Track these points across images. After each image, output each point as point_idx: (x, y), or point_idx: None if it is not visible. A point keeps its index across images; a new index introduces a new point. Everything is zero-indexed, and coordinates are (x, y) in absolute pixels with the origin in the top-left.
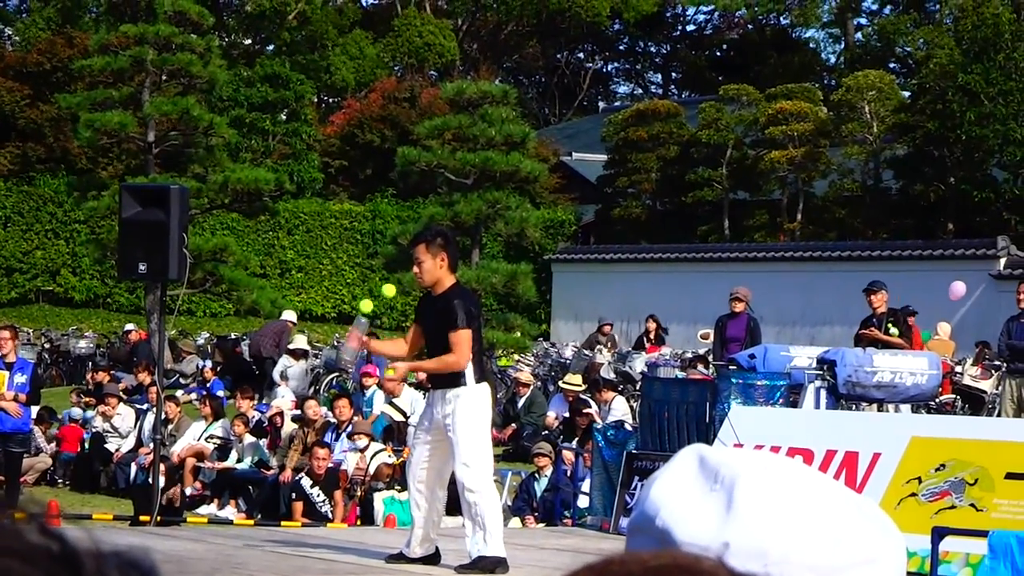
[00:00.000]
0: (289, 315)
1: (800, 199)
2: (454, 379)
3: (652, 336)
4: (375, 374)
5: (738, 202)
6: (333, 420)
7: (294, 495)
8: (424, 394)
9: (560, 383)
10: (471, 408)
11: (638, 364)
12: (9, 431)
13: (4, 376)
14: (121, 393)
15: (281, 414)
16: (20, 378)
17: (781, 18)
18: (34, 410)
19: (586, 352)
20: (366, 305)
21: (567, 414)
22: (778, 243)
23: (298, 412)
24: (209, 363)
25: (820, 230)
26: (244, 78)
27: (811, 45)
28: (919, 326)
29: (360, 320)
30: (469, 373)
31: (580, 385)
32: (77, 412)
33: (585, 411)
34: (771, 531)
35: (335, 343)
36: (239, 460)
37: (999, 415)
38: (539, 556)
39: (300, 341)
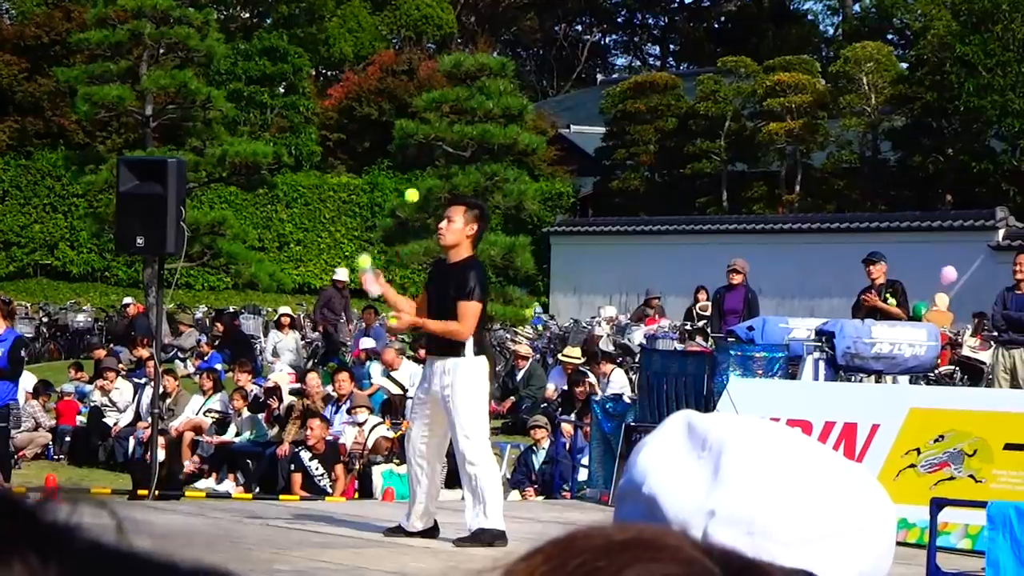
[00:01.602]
0: (341, 274)
1: (798, 171)
2: (453, 350)
3: (699, 307)
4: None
5: (736, 174)
6: (333, 393)
7: (292, 468)
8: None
9: (559, 356)
10: (470, 379)
11: (637, 336)
12: None
13: None
14: (120, 367)
15: (278, 388)
16: None
17: None
18: (29, 383)
19: (585, 325)
20: (364, 260)
21: (566, 387)
22: (776, 215)
23: (296, 385)
24: (204, 337)
25: (818, 202)
26: (242, 51)
27: (809, 17)
28: (915, 297)
29: (364, 268)
30: (469, 345)
31: (579, 357)
32: (73, 386)
33: (583, 382)
34: (757, 498)
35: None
36: (238, 434)
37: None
38: (538, 529)
39: (284, 308)
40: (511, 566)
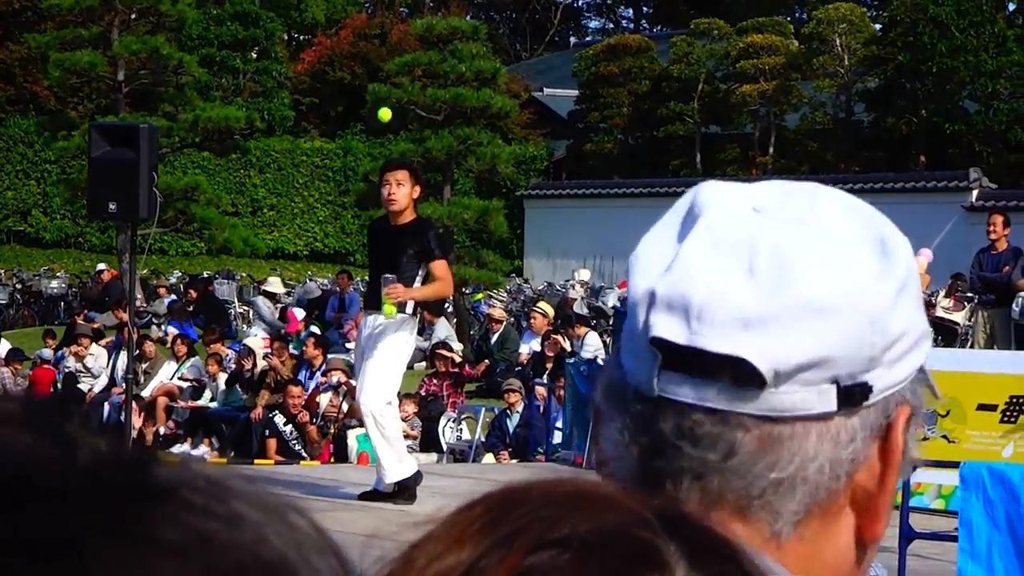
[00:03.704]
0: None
1: (772, 132)
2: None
3: None
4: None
5: (710, 136)
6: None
7: (267, 433)
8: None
9: (533, 307)
10: (397, 335)
11: (611, 299)
12: None
13: None
14: (93, 332)
15: (253, 353)
16: None
17: None
18: (3, 349)
19: (559, 288)
20: (385, 113)
21: (539, 350)
22: (750, 176)
23: (269, 351)
24: (172, 299)
25: (792, 163)
26: (214, 16)
27: None
28: None
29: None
30: (410, 304)
31: (549, 312)
32: (48, 353)
33: (552, 338)
34: (700, 274)
35: (308, 279)
36: (212, 399)
37: (971, 347)
38: None
39: (274, 284)
40: (449, 518)
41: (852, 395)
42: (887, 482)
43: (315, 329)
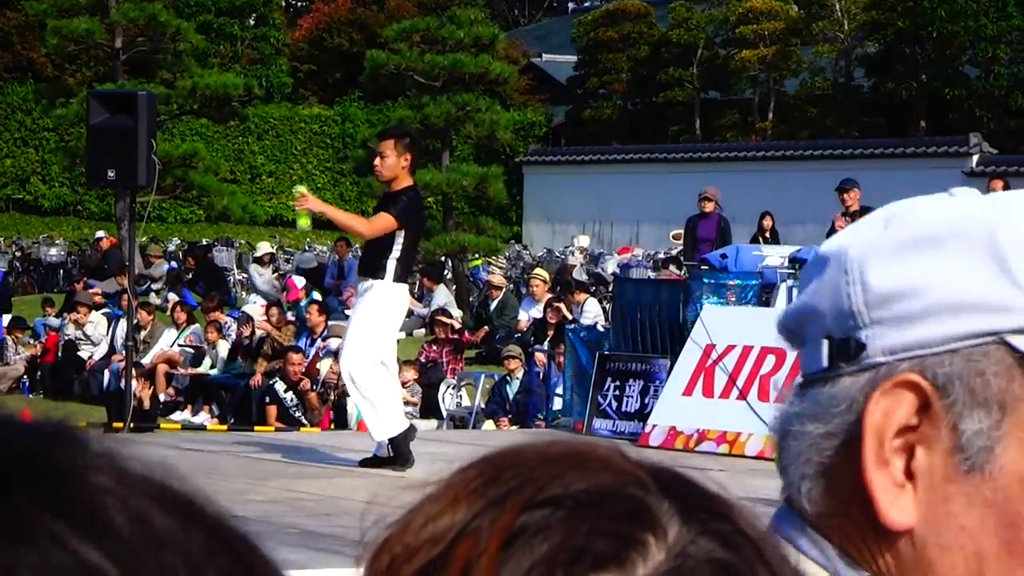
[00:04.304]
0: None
1: (771, 98)
2: (374, 272)
3: (768, 234)
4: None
5: (709, 102)
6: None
7: (267, 400)
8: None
9: (531, 275)
10: (380, 302)
11: (610, 266)
12: None
13: None
14: (96, 300)
15: (251, 320)
16: None
17: None
18: (3, 318)
19: (558, 255)
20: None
21: (539, 316)
22: (749, 142)
23: (264, 318)
24: (171, 267)
25: (791, 129)
26: None
27: None
28: None
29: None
30: (390, 269)
31: (547, 279)
32: (55, 321)
33: (554, 305)
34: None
35: (306, 247)
36: (213, 366)
37: None
38: None
39: (263, 248)
40: (446, 480)
41: (843, 352)
42: (864, 462)
43: (317, 296)
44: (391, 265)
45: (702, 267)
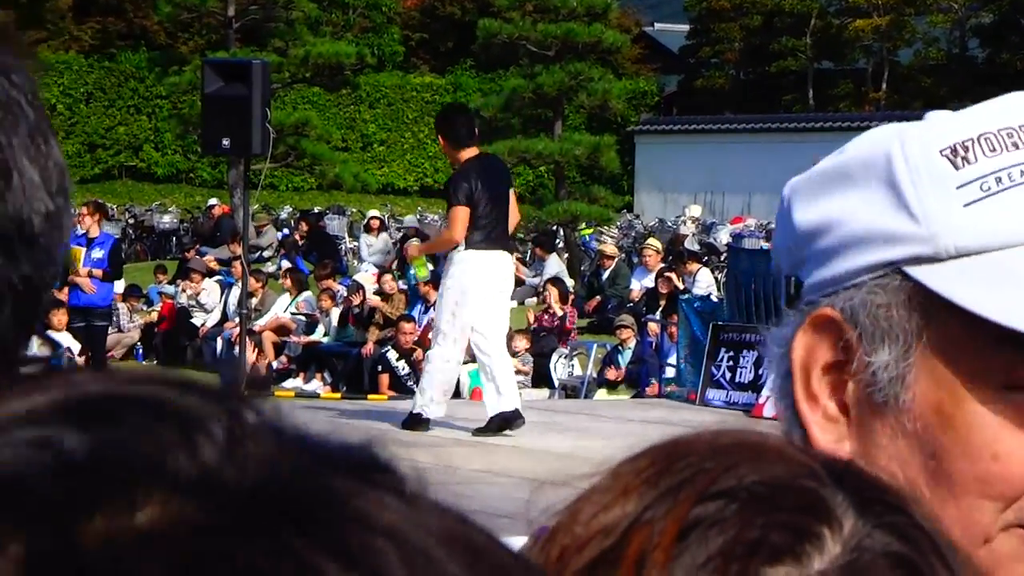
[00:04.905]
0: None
1: (885, 68)
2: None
3: None
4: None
5: (822, 71)
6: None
7: (380, 368)
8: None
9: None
10: (457, 272)
11: (722, 236)
12: (83, 305)
13: (80, 251)
14: (208, 267)
15: (362, 289)
16: (98, 253)
17: None
18: (119, 285)
19: (670, 224)
20: (423, 271)
21: (651, 285)
22: (863, 112)
23: (378, 286)
24: (287, 233)
25: (905, 99)
26: None
27: None
28: None
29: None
30: (469, 239)
31: (659, 249)
32: (170, 288)
33: (666, 275)
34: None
35: (418, 215)
36: (326, 334)
37: None
38: (626, 428)
39: (373, 211)
40: (615, 468)
41: (798, 288)
42: (796, 398)
43: (430, 266)
44: (470, 237)
45: None
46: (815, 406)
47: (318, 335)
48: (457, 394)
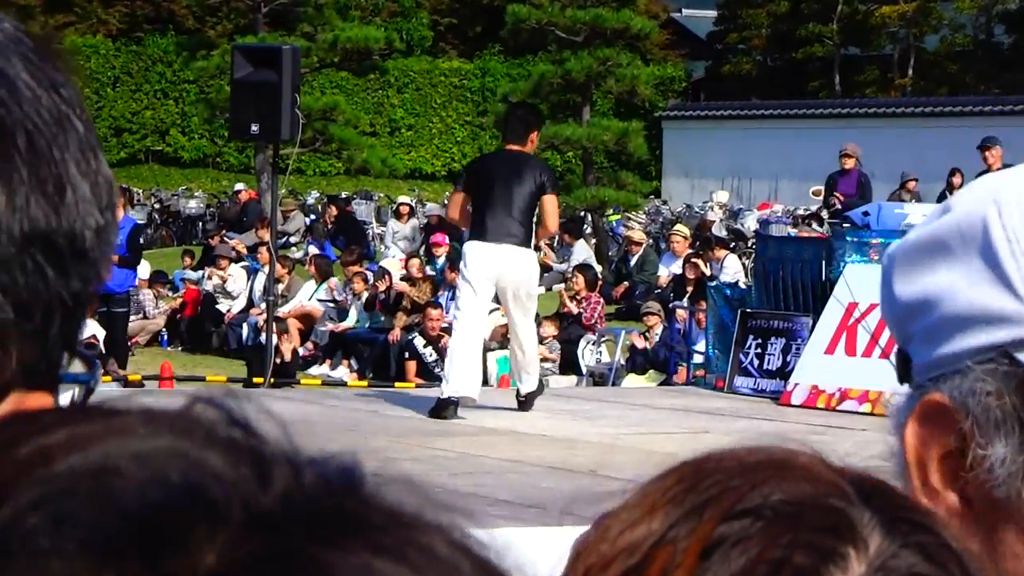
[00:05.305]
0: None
1: (911, 54)
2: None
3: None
4: (443, 243)
5: (849, 57)
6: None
7: (407, 355)
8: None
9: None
10: (463, 263)
11: (749, 221)
12: (101, 292)
13: None
14: (235, 252)
15: (388, 275)
16: None
17: None
18: (143, 271)
19: (697, 210)
20: None
21: (679, 271)
22: (889, 99)
23: (405, 271)
24: (313, 218)
25: (931, 85)
26: None
27: None
28: None
29: None
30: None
31: (687, 235)
32: (194, 275)
33: (692, 261)
34: None
35: (446, 201)
36: (357, 321)
37: None
38: (653, 416)
39: (403, 198)
40: (644, 487)
41: (902, 364)
42: (913, 495)
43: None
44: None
45: (844, 225)
46: (936, 500)
47: (350, 322)
48: (485, 380)
